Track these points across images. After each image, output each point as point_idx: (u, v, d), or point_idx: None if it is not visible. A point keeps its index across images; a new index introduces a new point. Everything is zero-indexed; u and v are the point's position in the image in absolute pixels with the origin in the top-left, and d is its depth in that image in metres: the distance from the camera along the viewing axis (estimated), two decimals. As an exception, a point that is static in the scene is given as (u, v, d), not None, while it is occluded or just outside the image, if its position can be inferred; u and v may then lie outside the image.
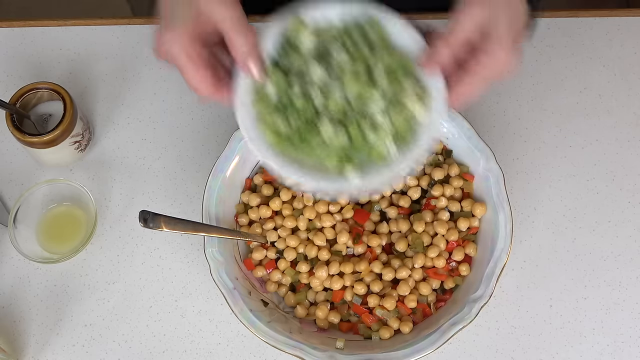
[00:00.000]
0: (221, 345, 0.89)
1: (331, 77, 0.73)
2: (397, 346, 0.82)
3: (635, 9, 1.02)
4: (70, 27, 1.01)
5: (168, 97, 0.98)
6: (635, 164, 0.95)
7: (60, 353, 0.89)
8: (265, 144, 0.73)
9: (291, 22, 0.74)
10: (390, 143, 0.73)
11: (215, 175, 0.87)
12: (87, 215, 0.91)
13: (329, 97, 0.73)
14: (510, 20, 0.70)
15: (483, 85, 0.71)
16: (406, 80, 0.73)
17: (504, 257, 0.83)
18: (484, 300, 0.82)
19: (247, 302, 0.83)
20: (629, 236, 0.93)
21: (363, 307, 0.86)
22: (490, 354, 0.89)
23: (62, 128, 0.87)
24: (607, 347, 0.89)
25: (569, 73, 0.99)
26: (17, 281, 0.91)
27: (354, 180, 0.72)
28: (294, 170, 0.72)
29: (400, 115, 0.73)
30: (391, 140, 0.73)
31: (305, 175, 0.72)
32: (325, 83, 0.73)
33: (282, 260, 0.87)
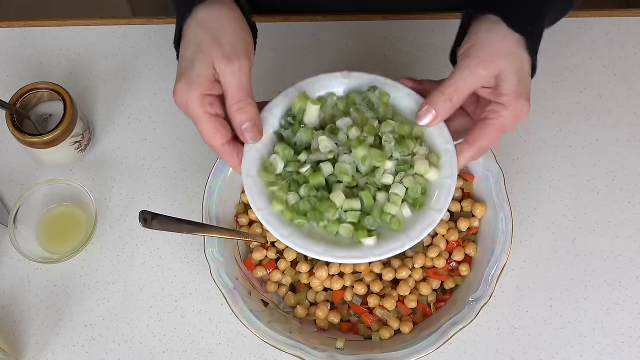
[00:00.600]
0: (221, 345, 0.89)
1: (339, 146, 0.75)
2: (397, 346, 0.82)
3: (635, 9, 1.02)
4: (70, 27, 1.01)
5: (168, 97, 0.98)
6: (635, 164, 0.95)
7: (60, 353, 0.89)
8: (273, 214, 0.74)
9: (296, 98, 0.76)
10: (404, 207, 0.74)
11: (215, 175, 0.87)
12: (87, 215, 0.91)
13: (337, 166, 0.74)
14: (517, 70, 0.70)
15: (500, 135, 0.72)
16: (414, 143, 0.74)
17: (504, 257, 0.83)
18: (484, 300, 0.82)
19: (247, 302, 0.83)
20: (629, 236, 0.93)
21: (363, 307, 0.86)
22: (490, 354, 0.89)
23: (62, 128, 0.87)
24: (607, 347, 0.89)
25: (569, 73, 0.99)
26: (17, 281, 0.91)
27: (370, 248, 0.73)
28: (305, 243, 0.73)
29: (411, 178, 0.74)
30: (405, 204, 0.74)
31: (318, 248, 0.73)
32: (333, 153, 0.74)
33: (282, 260, 0.87)
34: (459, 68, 0.70)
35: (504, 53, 0.70)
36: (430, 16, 1.00)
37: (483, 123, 0.72)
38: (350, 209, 0.74)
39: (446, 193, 0.74)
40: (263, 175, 0.75)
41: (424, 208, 0.74)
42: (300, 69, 0.98)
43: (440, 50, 0.98)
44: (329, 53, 0.99)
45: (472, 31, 0.72)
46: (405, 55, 0.99)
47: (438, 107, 0.72)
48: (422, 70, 0.98)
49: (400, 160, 0.74)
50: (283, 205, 0.74)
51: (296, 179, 0.74)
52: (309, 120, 0.76)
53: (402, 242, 0.73)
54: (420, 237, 0.73)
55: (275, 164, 0.75)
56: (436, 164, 0.74)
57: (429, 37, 1.00)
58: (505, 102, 0.70)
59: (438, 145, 0.75)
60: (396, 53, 0.99)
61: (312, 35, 1.00)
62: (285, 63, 0.99)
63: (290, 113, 0.76)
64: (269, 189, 0.75)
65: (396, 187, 0.74)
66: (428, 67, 0.98)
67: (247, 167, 0.75)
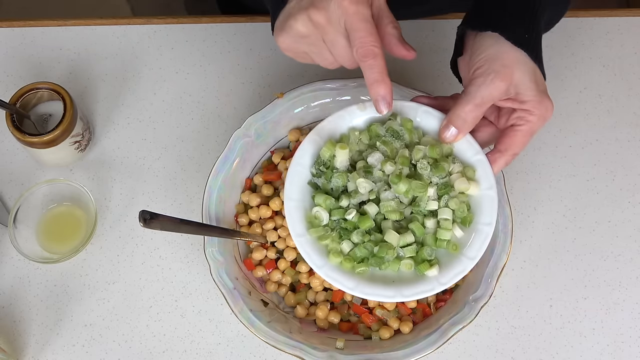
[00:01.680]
0: (221, 345, 0.89)
1: (376, 183, 0.75)
2: (397, 346, 0.82)
3: (635, 9, 1.02)
4: (70, 27, 1.01)
5: (168, 97, 0.98)
6: (635, 164, 0.95)
7: (60, 353, 0.89)
8: (333, 267, 0.74)
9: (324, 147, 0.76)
10: (455, 228, 0.74)
11: (215, 175, 0.87)
12: (87, 215, 0.91)
13: (383, 206, 0.74)
14: (531, 76, 0.71)
15: (530, 139, 0.73)
16: (449, 164, 0.74)
17: (504, 257, 0.83)
18: (484, 300, 0.82)
19: (247, 302, 0.83)
20: (629, 236, 0.93)
21: (363, 307, 0.86)
22: (490, 354, 0.89)
23: (62, 128, 0.87)
24: (607, 347, 0.89)
25: (569, 73, 0.99)
26: (17, 281, 0.91)
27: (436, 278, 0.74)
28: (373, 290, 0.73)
29: (455, 199, 0.74)
30: (455, 225, 0.74)
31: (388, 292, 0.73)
32: (374, 192, 0.74)
33: (282, 260, 0.87)
34: (475, 84, 0.71)
35: (515, 63, 0.70)
36: (432, 17, 1.00)
37: (512, 130, 0.73)
38: (406, 245, 0.74)
39: (491, 204, 0.74)
40: (312, 231, 0.75)
41: (474, 224, 0.75)
42: (300, 69, 0.98)
43: (440, 51, 0.98)
44: (329, 53, 0.99)
45: (477, 47, 0.72)
46: (405, 55, 0.99)
47: (460, 124, 0.73)
48: (422, 71, 0.98)
49: (441, 185, 0.74)
50: (340, 257, 0.74)
51: (344, 226, 0.75)
52: (341, 164, 0.76)
53: (463, 264, 0.74)
54: (479, 255, 0.73)
55: (320, 217, 0.75)
56: (473, 177, 0.75)
57: (429, 37, 1.00)
58: (530, 108, 0.71)
59: (469, 158, 0.75)
60: (396, 53, 0.99)
61: (312, 35, 1.00)
62: (285, 63, 0.99)
63: (320, 162, 0.76)
64: (322, 243, 0.75)
65: (443, 212, 0.74)
66: (428, 67, 0.98)
67: (294, 226, 0.75)
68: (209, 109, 0.98)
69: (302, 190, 0.77)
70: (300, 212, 0.76)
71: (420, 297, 0.74)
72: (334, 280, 0.73)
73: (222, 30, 1.00)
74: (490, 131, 0.76)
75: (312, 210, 0.76)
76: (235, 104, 0.98)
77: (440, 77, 0.98)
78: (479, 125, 0.75)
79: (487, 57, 0.71)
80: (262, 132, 0.89)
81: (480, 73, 0.71)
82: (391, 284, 0.74)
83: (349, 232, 0.74)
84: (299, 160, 0.77)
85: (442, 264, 0.74)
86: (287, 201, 0.76)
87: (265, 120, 0.89)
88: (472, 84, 0.71)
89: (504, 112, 0.74)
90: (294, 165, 0.77)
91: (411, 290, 0.73)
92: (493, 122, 0.76)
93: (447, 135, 0.74)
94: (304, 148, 0.77)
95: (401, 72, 0.97)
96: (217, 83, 0.99)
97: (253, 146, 0.89)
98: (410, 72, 0.97)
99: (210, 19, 1.01)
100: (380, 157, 0.75)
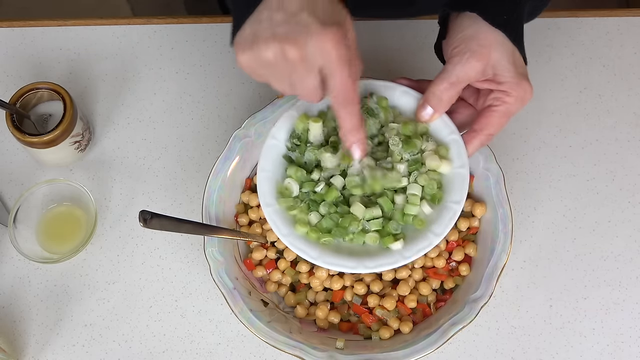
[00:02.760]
0: (221, 345, 0.89)
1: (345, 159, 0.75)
2: (397, 346, 0.82)
3: (635, 9, 1.02)
4: (70, 27, 1.01)
5: (168, 97, 0.98)
6: (635, 164, 0.95)
7: (60, 353, 0.89)
8: (299, 237, 0.75)
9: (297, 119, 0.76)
10: (424, 205, 0.75)
11: (215, 175, 0.87)
12: (87, 215, 0.91)
13: (348, 181, 0.74)
14: (509, 57, 0.71)
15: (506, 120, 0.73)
16: (421, 141, 0.75)
17: (504, 257, 0.83)
18: (484, 300, 0.82)
19: (247, 302, 0.83)
20: (629, 236, 0.93)
21: (363, 307, 0.86)
22: (490, 354, 0.89)
23: (62, 128, 0.87)
24: (607, 347, 0.89)
25: (569, 73, 0.99)
26: (17, 281, 0.91)
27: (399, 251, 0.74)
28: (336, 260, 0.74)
29: (425, 176, 0.74)
30: (423, 201, 0.75)
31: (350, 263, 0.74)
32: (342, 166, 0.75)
33: (282, 260, 0.87)
34: (452, 62, 0.71)
35: (493, 43, 0.70)
36: (430, 16, 1.00)
37: (488, 110, 0.72)
38: (372, 218, 0.74)
39: (462, 183, 0.74)
40: (281, 201, 0.76)
41: (443, 202, 0.75)
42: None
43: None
44: (329, 53, 0.99)
45: (456, 27, 0.72)
46: (405, 55, 0.99)
47: (435, 103, 0.73)
48: (422, 71, 0.98)
49: (411, 160, 0.74)
50: (307, 227, 0.75)
51: (314, 198, 0.75)
52: (315, 138, 0.77)
53: (429, 240, 0.74)
54: (445, 232, 0.73)
55: (291, 188, 0.76)
56: (446, 156, 0.75)
57: (429, 37, 1.00)
58: (507, 89, 0.71)
59: (444, 137, 0.75)
60: (396, 53, 0.99)
61: (312, 35, 1.00)
62: (285, 63, 0.99)
63: (294, 135, 0.77)
64: (290, 214, 0.76)
65: (412, 187, 0.74)
66: (428, 67, 0.98)
67: (264, 196, 0.76)
68: (209, 109, 0.98)
69: (276, 163, 0.78)
70: (272, 183, 0.77)
71: (382, 270, 0.74)
72: (298, 249, 0.74)
73: (222, 30, 1.00)
74: (469, 113, 0.76)
75: (283, 182, 0.76)
76: (235, 104, 0.98)
77: (440, 77, 0.97)
78: (457, 106, 0.75)
79: (464, 36, 0.71)
80: (262, 132, 0.89)
81: (456, 52, 0.71)
82: (355, 255, 0.74)
83: (317, 204, 0.75)
84: (275, 134, 0.78)
85: (408, 239, 0.75)
86: (260, 172, 0.77)
87: (265, 120, 0.89)
88: (448, 62, 0.71)
89: (482, 94, 0.74)
90: (270, 138, 0.78)
91: (374, 262, 0.73)
92: (472, 104, 0.76)
93: (423, 114, 0.74)
94: (281, 123, 0.78)
95: (399, 71, 0.97)
96: (217, 83, 0.99)
97: (253, 146, 0.89)
98: (410, 72, 0.97)
99: (210, 19, 1.01)
100: None
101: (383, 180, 0.73)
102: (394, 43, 1.00)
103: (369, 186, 0.74)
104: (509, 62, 0.71)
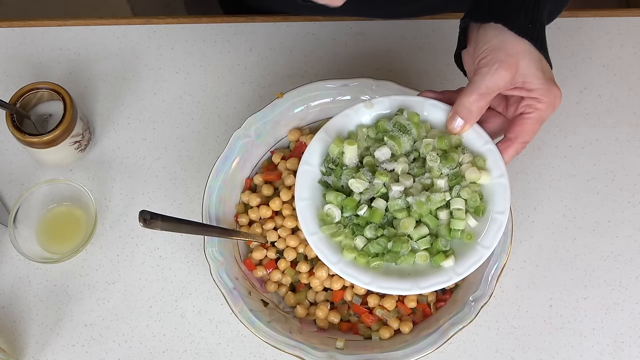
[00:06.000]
0: (221, 345, 0.89)
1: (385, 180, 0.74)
2: (397, 346, 0.82)
3: (635, 9, 1.02)
4: (70, 27, 1.01)
5: (168, 97, 0.98)
6: (635, 164, 0.95)
7: (60, 353, 0.89)
8: (348, 263, 0.74)
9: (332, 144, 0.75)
10: (469, 218, 0.74)
11: (215, 175, 0.87)
12: (87, 215, 0.91)
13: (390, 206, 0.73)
14: (537, 64, 0.71)
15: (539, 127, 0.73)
16: (458, 154, 0.74)
17: (504, 257, 0.83)
18: (484, 300, 0.82)
19: (247, 302, 0.83)
20: (629, 236, 0.93)
21: (363, 307, 0.86)
22: (490, 354, 0.89)
23: (62, 128, 0.87)
24: (607, 347, 0.89)
25: (569, 73, 0.99)
26: (17, 281, 0.91)
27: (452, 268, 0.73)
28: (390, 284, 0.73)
29: (467, 189, 0.73)
30: (468, 215, 0.74)
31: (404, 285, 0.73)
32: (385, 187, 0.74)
33: (282, 260, 0.87)
34: (480, 74, 0.71)
35: (520, 52, 0.70)
36: (430, 16, 1.00)
37: (521, 118, 0.72)
38: (420, 237, 0.74)
39: (504, 193, 0.74)
40: (325, 228, 0.75)
41: (487, 213, 0.74)
42: (300, 69, 0.98)
43: (440, 51, 0.98)
44: (329, 53, 0.99)
45: (480, 39, 0.72)
46: (405, 56, 0.99)
47: (465, 115, 0.73)
48: (422, 71, 0.98)
49: (451, 175, 0.74)
50: (354, 253, 0.74)
51: (357, 222, 0.74)
52: (350, 161, 0.76)
53: (479, 254, 0.73)
54: (494, 244, 0.73)
55: (333, 214, 0.75)
56: (484, 167, 0.74)
57: (429, 37, 1.00)
58: (538, 96, 0.71)
59: (479, 148, 0.75)
60: (396, 53, 0.99)
61: (312, 35, 1.00)
62: (285, 63, 0.99)
63: (329, 159, 0.76)
64: (335, 240, 0.75)
65: (456, 202, 0.74)
66: (428, 67, 0.98)
67: (307, 225, 0.75)
68: (209, 109, 0.98)
69: (312, 190, 0.76)
70: (312, 210, 0.75)
71: (437, 288, 0.73)
72: (349, 276, 0.73)
73: (222, 30, 1.00)
74: (499, 122, 0.76)
75: (323, 208, 0.75)
76: (235, 104, 0.98)
77: (439, 77, 0.97)
78: (487, 116, 0.75)
79: (490, 47, 0.71)
80: (262, 132, 0.89)
81: (484, 63, 0.71)
82: (407, 277, 0.73)
83: (361, 228, 0.74)
84: (308, 160, 0.77)
85: (458, 254, 0.74)
86: (299, 201, 0.75)
87: (265, 120, 0.89)
88: (476, 73, 0.71)
89: (512, 102, 0.74)
90: (303, 164, 0.76)
91: (428, 281, 0.73)
92: (501, 113, 0.76)
93: (454, 126, 0.73)
94: (313, 147, 0.76)
95: (401, 72, 0.97)
96: (217, 83, 0.99)
97: (253, 146, 0.89)
98: (410, 72, 0.97)
99: (210, 19, 1.01)
100: (387, 152, 0.74)
101: (428, 203, 0.72)
102: (395, 44, 1.00)
103: (415, 212, 0.73)
104: (537, 69, 0.71)
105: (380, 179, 0.73)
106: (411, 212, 0.73)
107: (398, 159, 0.74)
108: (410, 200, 0.73)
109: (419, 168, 0.75)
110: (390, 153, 0.75)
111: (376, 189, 0.74)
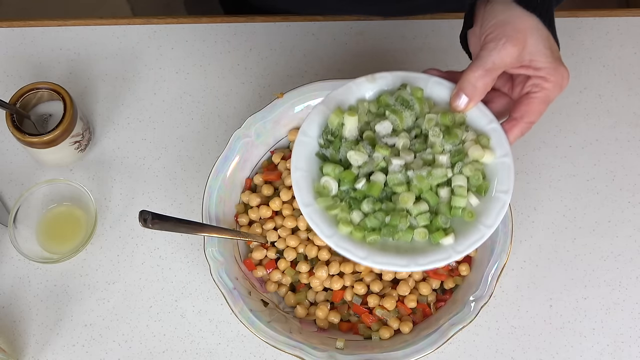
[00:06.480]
0: (221, 345, 0.89)
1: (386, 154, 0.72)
2: (397, 346, 0.82)
3: (635, 9, 1.02)
4: (70, 27, 1.01)
5: (168, 97, 0.98)
6: (635, 164, 0.95)
7: (60, 353, 0.89)
8: (343, 237, 0.71)
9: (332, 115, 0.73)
10: (471, 196, 0.72)
11: (215, 175, 0.87)
12: (87, 215, 0.91)
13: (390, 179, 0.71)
14: (545, 42, 0.70)
15: (546, 107, 0.71)
16: (462, 131, 0.72)
17: (504, 257, 0.83)
18: (484, 300, 0.82)
19: (247, 302, 0.83)
20: (629, 236, 0.93)
21: (363, 307, 0.86)
22: (490, 354, 0.89)
23: (62, 128, 0.87)
24: (607, 347, 0.89)
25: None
26: (17, 281, 0.91)
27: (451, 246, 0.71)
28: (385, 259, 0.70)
29: (469, 166, 0.71)
30: (470, 193, 0.72)
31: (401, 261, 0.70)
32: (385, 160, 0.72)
33: (282, 260, 0.87)
34: (486, 49, 0.69)
35: (528, 28, 0.69)
36: (430, 16, 1.00)
37: (527, 98, 0.70)
38: (419, 213, 0.71)
39: (507, 172, 0.71)
40: (320, 201, 0.72)
41: (490, 192, 0.72)
42: (300, 69, 0.98)
43: (440, 51, 0.98)
44: (329, 53, 0.99)
45: (487, 15, 0.70)
46: (405, 55, 0.99)
47: (470, 91, 0.70)
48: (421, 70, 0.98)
49: (454, 152, 0.71)
50: (350, 227, 0.71)
51: (354, 196, 0.72)
52: (350, 133, 0.73)
53: (480, 232, 0.71)
54: (496, 223, 0.70)
55: (329, 186, 0.72)
56: (488, 145, 0.72)
57: (429, 37, 1.00)
58: (545, 75, 0.69)
59: (483, 126, 0.73)
60: (396, 53, 0.99)
61: (312, 35, 1.00)
62: (285, 63, 0.99)
63: (328, 131, 0.74)
64: (330, 213, 0.72)
65: (458, 179, 0.71)
66: (428, 67, 0.98)
67: (302, 196, 0.72)
68: (209, 109, 0.98)
69: (309, 162, 0.74)
70: (308, 182, 0.73)
71: (435, 266, 0.70)
72: (344, 250, 0.70)
73: (222, 30, 1.00)
74: (504, 102, 0.74)
75: (320, 180, 0.73)
76: (235, 104, 0.98)
77: (440, 77, 0.97)
78: (492, 96, 0.73)
79: (498, 22, 0.69)
80: (262, 132, 0.89)
81: (491, 38, 0.69)
82: (404, 253, 0.71)
83: (358, 202, 0.72)
84: (306, 130, 0.74)
85: (458, 233, 0.71)
86: (295, 171, 0.73)
87: (265, 120, 0.89)
88: (483, 49, 0.69)
89: (518, 82, 0.72)
90: (301, 135, 0.74)
91: (426, 259, 0.70)
92: (507, 93, 0.74)
93: (457, 103, 0.71)
94: (311, 118, 0.74)
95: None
96: (217, 83, 0.99)
97: (253, 146, 0.89)
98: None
99: (210, 19, 1.01)
100: (389, 125, 0.72)
101: (429, 178, 0.70)
102: (395, 44, 1.00)
103: (415, 187, 0.70)
104: (545, 47, 0.69)
105: (380, 153, 0.71)
106: (411, 187, 0.71)
107: (399, 134, 0.72)
108: (411, 175, 0.71)
109: (420, 144, 0.72)
110: (392, 127, 0.72)
111: (375, 163, 0.71)
